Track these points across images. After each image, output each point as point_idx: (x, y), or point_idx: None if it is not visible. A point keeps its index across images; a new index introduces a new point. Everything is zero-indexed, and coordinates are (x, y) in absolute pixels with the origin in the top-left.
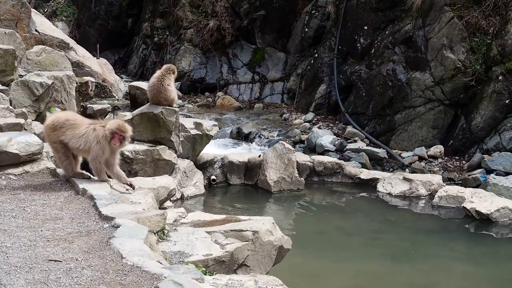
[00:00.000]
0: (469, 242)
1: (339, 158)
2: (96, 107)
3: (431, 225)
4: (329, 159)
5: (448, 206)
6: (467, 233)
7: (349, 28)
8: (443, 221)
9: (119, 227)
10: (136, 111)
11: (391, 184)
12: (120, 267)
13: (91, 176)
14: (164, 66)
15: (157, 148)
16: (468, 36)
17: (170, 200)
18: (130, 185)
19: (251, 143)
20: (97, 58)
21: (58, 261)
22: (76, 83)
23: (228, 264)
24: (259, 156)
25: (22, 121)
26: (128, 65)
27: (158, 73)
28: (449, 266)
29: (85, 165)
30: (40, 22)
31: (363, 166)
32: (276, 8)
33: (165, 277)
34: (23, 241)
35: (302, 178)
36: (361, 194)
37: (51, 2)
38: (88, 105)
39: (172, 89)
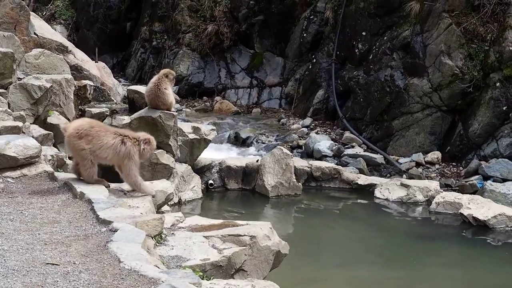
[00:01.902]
0: (466, 248)
1: (336, 164)
2: (95, 110)
3: (428, 231)
4: (327, 165)
5: (445, 212)
6: (464, 239)
7: (347, 33)
8: (440, 227)
9: (116, 231)
10: (135, 115)
11: (388, 190)
12: (118, 271)
13: (110, 185)
14: (162, 71)
15: (155, 152)
16: (466, 42)
17: (168, 205)
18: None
19: (249, 147)
20: (95, 62)
21: (56, 264)
22: (75, 87)
23: (226, 269)
24: (257, 161)
25: (20, 124)
26: (126, 68)
27: (155, 77)
28: (445, 272)
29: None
30: (39, 25)
31: (361, 171)
32: (274, 13)
33: (162, 281)
34: (21, 244)
35: (299, 183)
36: (358, 200)
37: (50, 5)
38: (87, 109)
39: (170, 93)
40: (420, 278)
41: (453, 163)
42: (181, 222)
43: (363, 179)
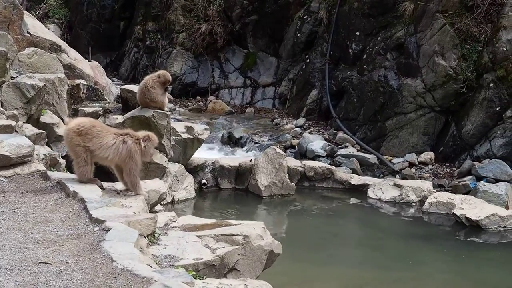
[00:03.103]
0: (459, 248)
1: (329, 164)
2: (88, 110)
3: (421, 231)
4: (320, 165)
5: (438, 212)
6: (457, 239)
7: (341, 33)
8: (433, 227)
9: (109, 230)
10: (128, 115)
11: (381, 190)
12: (110, 270)
13: (103, 185)
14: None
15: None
16: (459, 43)
17: (161, 204)
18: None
19: (242, 147)
20: (89, 61)
21: (48, 263)
22: (68, 86)
23: (218, 268)
24: (250, 160)
25: (13, 123)
26: (119, 68)
27: (147, 77)
28: (438, 273)
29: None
30: (32, 24)
31: (354, 171)
32: (268, 13)
33: (155, 280)
34: (13, 243)
35: (293, 183)
36: (351, 200)
37: (43, 4)
38: (80, 108)
39: (157, 92)
40: (412, 278)
41: (446, 164)
42: (174, 221)
43: (356, 179)
